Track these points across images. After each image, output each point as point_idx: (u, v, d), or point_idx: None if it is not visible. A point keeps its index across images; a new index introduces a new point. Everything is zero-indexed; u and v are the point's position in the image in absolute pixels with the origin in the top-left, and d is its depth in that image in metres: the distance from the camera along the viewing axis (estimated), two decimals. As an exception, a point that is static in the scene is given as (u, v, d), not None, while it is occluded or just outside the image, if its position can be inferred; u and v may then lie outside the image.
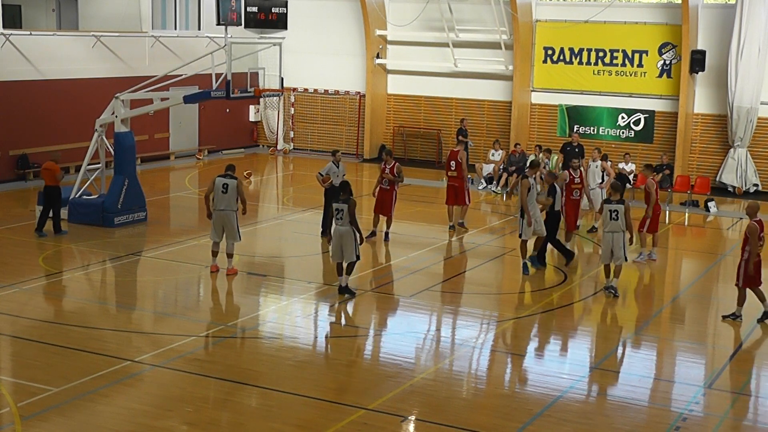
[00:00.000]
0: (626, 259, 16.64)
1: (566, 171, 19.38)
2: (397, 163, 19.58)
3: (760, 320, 15.07)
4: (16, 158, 25.57)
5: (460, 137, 28.55)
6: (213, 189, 16.63)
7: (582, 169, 20.05)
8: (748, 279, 14.91)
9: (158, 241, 19.43)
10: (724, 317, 15.23)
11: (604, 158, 24.64)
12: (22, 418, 10.58)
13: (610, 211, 16.27)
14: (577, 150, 25.08)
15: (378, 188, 19.70)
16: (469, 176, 22.45)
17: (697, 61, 26.87)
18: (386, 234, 19.61)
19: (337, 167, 19.26)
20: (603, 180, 21.21)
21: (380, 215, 19.68)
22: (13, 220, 20.95)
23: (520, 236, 17.55)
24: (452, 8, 29.65)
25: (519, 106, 29.36)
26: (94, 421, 10.65)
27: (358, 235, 15.52)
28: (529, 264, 17.56)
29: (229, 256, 16.89)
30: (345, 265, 15.62)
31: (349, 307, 15.54)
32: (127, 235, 19.76)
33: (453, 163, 21.06)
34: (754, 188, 27.11)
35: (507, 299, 16.54)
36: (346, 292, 15.71)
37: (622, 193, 16.64)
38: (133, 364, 12.42)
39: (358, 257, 15.66)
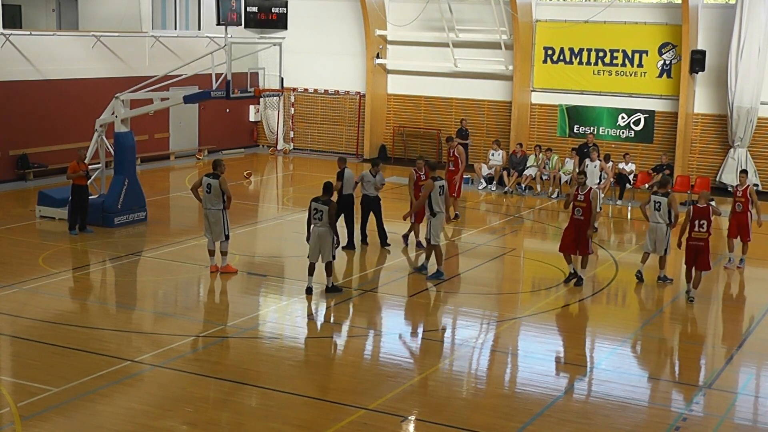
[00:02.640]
0: (666, 252, 17.04)
1: (574, 190, 17.56)
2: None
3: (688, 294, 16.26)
4: (16, 158, 25.57)
5: (458, 139, 28.61)
6: (200, 185, 16.99)
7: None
8: (690, 258, 16.24)
9: (158, 241, 19.43)
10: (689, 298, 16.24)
11: (606, 158, 24.68)
12: (22, 418, 10.59)
13: (654, 202, 16.98)
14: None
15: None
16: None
17: (697, 61, 26.86)
18: (417, 242, 19.17)
19: (374, 177, 18.75)
20: (601, 180, 21.25)
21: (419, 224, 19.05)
22: (13, 220, 20.95)
23: (429, 240, 17.07)
24: (452, 8, 29.64)
25: (519, 106, 29.36)
26: (94, 421, 10.65)
27: (335, 237, 15.58)
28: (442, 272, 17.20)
29: (223, 254, 16.96)
30: (324, 265, 15.68)
31: (350, 307, 15.55)
32: (127, 235, 19.76)
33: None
34: (754, 188, 27.04)
35: (507, 299, 16.54)
36: (333, 291, 15.79)
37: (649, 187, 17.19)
38: (133, 364, 12.43)
39: (334, 257, 15.73)
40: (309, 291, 15.75)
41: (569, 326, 15.05)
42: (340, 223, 17.17)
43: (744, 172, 19.35)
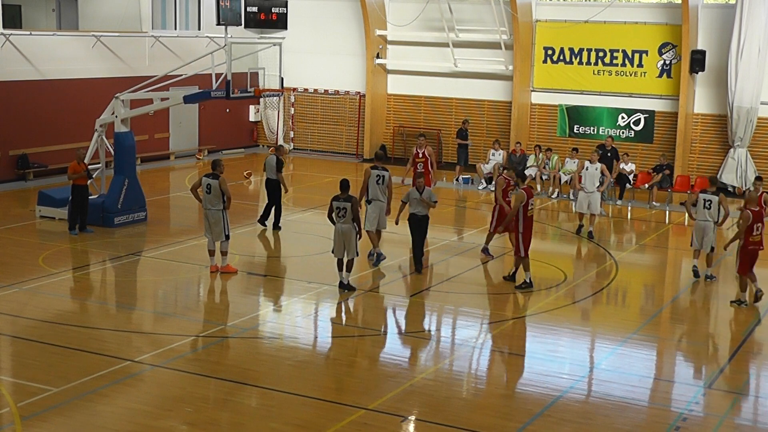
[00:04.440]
0: (713, 250, 17.33)
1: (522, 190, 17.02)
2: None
3: (734, 302, 16.09)
4: (16, 158, 25.57)
5: (458, 139, 28.54)
6: (200, 185, 17.02)
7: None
8: (743, 265, 15.93)
9: (158, 241, 19.43)
10: (731, 302, 16.05)
11: (613, 155, 24.64)
12: (22, 418, 10.59)
13: (704, 200, 17.17)
14: (609, 154, 24.93)
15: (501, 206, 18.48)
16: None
17: (697, 61, 26.87)
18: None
19: (420, 193, 17.09)
20: (601, 183, 20.84)
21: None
22: (13, 220, 20.95)
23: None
24: (452, 8, 29.64)
25: (519, 106, 29.36)
26: (94, 421, 10.65)
27: (357, 233, 15.83)
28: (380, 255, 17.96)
29: (223, 254, 16.98)
30: (345, 261, 15.90)
31: (350, 307, 15.56)
32: (127, 235, 19.76)
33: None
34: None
35: (507, 299, 16.54)
36: (347, 288, 15.91)
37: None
38: (133, 364, 12.43)
39: (357, 254, 15.97)
40: (342, 285, 15.93)
41: (569, 326, 15.03)
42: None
43: (759, 179, 18.77)
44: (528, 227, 16.49)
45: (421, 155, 21.32)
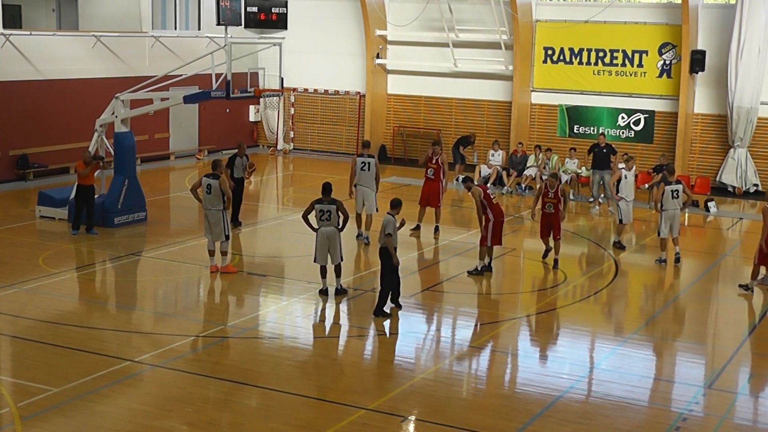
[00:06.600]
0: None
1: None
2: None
3: None
4: (16, 158, 25.57)
5: (461, 146, 28.44)
6: (200, 185, 17.03)
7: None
8: (763, 256, 16.47)
9: (158, 241, 19.43)
10: (739, 285, 16.80)
11: (609, 150, 24.75)
12: (22, 418, 10.59)
13: (672, 191, 18.08)
14: (605, 151, 24.87)
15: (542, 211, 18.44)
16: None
17: (697, 61, 26.87)
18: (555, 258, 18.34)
19: (393, 218, 14.90)
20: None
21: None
22: (13, 220, 20.95)
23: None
24: (452, 8, 29.64)
25: (519, 106, 29.36)
26: (94, 421, 10.66)
27: (340, 231, 15.80)
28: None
29: (223, 254, 16.98)
30: (333, 267, 15.75)
31: (350, 307, 15.55)
32: (127, 235, 19.76)
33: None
34: (754, 188, 27.10)
35: (507, 299, 16.54)
36: (341, 292, 15.83)
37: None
38: (133, 364, 12.43)
39: (341, 258, 15.82)
40: (324, 292, 15.78)
41: (569, 326, 15.05)
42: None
43: None
44: (497, 215, 17.24)
45: (434, 161, 20.57)
